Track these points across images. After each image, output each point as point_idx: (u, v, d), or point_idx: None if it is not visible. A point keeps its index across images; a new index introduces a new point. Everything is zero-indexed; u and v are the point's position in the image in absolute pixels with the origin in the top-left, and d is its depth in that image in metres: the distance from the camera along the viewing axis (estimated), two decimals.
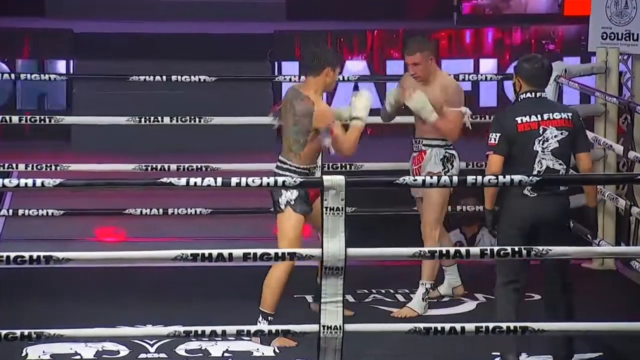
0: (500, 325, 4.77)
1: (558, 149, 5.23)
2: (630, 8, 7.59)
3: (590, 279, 6.78)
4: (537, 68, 5.31)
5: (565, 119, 5.26)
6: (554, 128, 5.23)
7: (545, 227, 5.24)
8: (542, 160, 5.22)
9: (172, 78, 7.34)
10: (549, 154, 5.23)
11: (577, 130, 5.28)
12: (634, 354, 5.61)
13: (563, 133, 5.24)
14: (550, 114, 5.25)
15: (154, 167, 7.23)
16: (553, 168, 5.22)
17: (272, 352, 5.65)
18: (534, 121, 5.23)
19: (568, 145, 5.25)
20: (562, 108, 5.34)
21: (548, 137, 5.23)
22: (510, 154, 5.25)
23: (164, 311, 6.06)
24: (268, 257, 4.73)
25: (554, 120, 5.24)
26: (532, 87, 5.31)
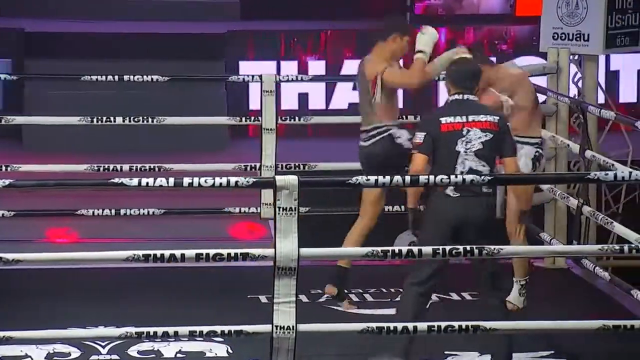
0: (452, 325, 4.78)
1: (481, 151, 5.27)
2: (581, 8, 7.65)
3: (542, 278, 6.82)
4: (464, 71, 5.42)
5: (491, 122, 5.31)
6: (478, 130, 5.28)
7: (468, 228, 5.27)
8: (465, 161, 5.27)
9: (125, 78, 7.29)
10: (472, 155, 5.27)
11: (502, 134, 5.33)
12: (585, 351, 5.65)
13: (487, 135, 5.29)
14: (476, 116, 5.31)
15: (106, 168, 7.18)
16: (476, 169, 5.25)
17: (225, 353, 5.64)
18: (458, 122, 5.30)
19: (492, 147, 5.30)
20: (488, 111, 5.40)
21: (471, 139, 5.27)
22: (435, 154, 5.32)
23: (116, 312, 6.02)
24: (221, 258, 4.71)
25: (478, 122, 5.30)
26: (459, 89, 5.39)
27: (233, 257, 4.74)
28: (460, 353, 5.59)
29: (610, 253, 4.84)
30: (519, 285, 6.27)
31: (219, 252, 4.70)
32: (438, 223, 5.28)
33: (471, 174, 5.19)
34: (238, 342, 5.55)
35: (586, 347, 5.65)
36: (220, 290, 6.56)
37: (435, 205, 5.31)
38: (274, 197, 4.67)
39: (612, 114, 6.75)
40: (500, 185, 5.92)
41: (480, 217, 5.27)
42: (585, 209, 6.65)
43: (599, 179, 4.83)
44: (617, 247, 4.78)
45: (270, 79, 7.29)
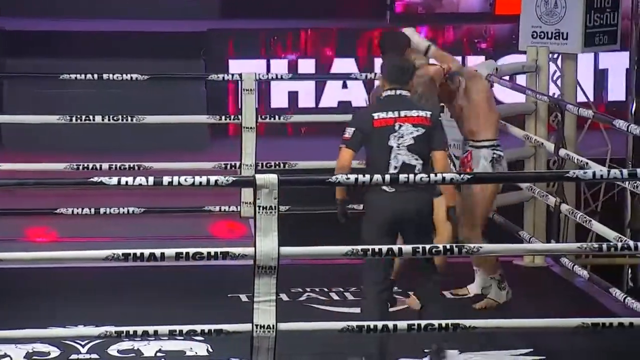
0: (432, 323, 4.79)
1: (413, 145, 5.35)
2: (560, 7, 7.67)
3: (521, 276, 6.84)
4: (397, 67, 5.50)
5: (423, 117, 5.40)
6: (410, 125, 5.37)
7: (405, 223, 5.35)
8: (398, 156, 5.35)
9: (104, 76, 7.28)
10: (405, 150, 5.35)
11: (433, 129, 5.41)
12: (564, 349, 5.67)
13: (419, 130, 5.37)
14: (408, 111, 5.39)
15: (85, 166, 7.16)
16: (409, 163, 5.34)
17: (205, 352, 5.63)
18: (391, 117, 5.38)
19: (424, 142, 5.38)
20: (420, 106, 5.50)
21: (403, 134, 5.36)
22: (367, 149, 5.41)
23: (95, 311, 6.01)
24: (200, 257, 4.70)
25: (410, 118, 5.38)
26: (392, 85, 5.47)
27: (213, 256, 4.73)
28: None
29: (589, 251, 4.86)
30: (496, 281, 6.29)
31: (199, 251, 4.70)
32: (376, 219, 5.35)
33: (404, 168, 5.30)
34: (218, 341, 5.54)
35: (565, 344, 5.67)
36: (201, 289, 6.55)
37: (372, 201, 5.37)
38: (254, 195, 4.66)
39: (590, 113, 6.78)
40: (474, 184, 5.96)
41: (416, 212, 5.35)
42: (563, 207, 6.68)
43: (578, 177, 4.85)
44: (596, 246, 4.80)
45: (250, 77, 7.29)
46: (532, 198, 7.24)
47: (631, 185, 6.01)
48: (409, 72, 5.52)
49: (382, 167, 5.32)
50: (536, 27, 7.70)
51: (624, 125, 6.10)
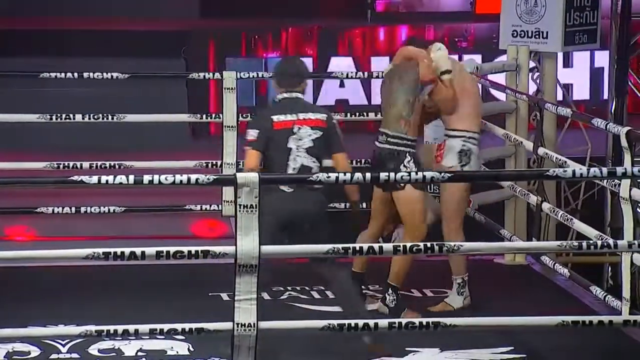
0: (412, 321, 4.80)
1: (312, 148, 5.49)
2: (540, 6, 7.69)
3: (502, 274, 6.86)
4: (284, 72, 5.63)
5: (320, 120, 5.53)
6: (309, 127, 5.50)
7: (301, 222, 5.45)
8: (297, 158, 5.48)
9: (85, 75, 7.25)
10: (303, 152, 5.49)
11: (330, 131, 5.55)
12: (545, 347, 5.68)
13: (317, 132, 5.51)
14: (305, 114, 5.52)
15: (66, 165, 7.14)
16: (307, 165, 5.47)
17: (186, 351, 5.62)
18: (289, 120, 5.50)
19: (322, 144, 5.51)
20: (316, 109, 5.63)
21: (302, 136, 5.49)
22: (268, 151, 5.50)
23: (76, 311, 5.99)
24: (181, 255, 4.69)
25: (308, 120, 5.50)
26: (284, 88, 5.60)
27: (194, 254, 4.72)
28: (421, 349, 5.61)
29: (569, 249, 4.88)
30: (457, 284, 6.26)
31: (180, 249, 4.69)
32: (273, 216, 5.40)
33: (303, 170, 5.43)
34: (199, 339, 5.53)
35: (545, 342, 5.68)
36: (182, 288, 6.54)
37: (270, 200, 5.39)
38: (234, 194, 4.65)
39: (569, 111, 6.80)
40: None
41: (313, 211, 5.46)
42: (545, 206, 6.69)
43: (558, 176, 4.86)
44: (576, 244, 4.81)
45: (231, 76, 7.28)
46: (513, 197, 7.25)
47: (610, 184, 6.02)
48: (300, 76, 5.64)
49: (282, 169, 5.45)
50: (516, 26, 7.72)
51: (602, 124, 6.12)
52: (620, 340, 5.74)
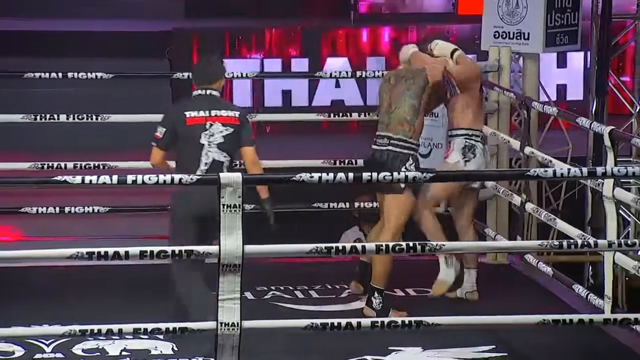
0: (395, 320, 4.80)
1: (223, 144, 5.60)
2: (521, 7, 7.70)
3: (484, 273, 6.86)
4: (203, 69, 5.74)
5: (232, 117, 5.64)
6: (220, 124, 5.61)
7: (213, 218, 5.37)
8: (209, 153, 5.60)
9: (69, 75, 7.23)
10: (215, 147, 5.59)
11: (241, 127, 5.66)
12: (526, 345, 5.69)
13: (228, 129, 5.62)
14: (218, 110, 5.62)
15: (50, 166, 7.11)
16: (218, 160, 5.60)
17: (170, 350, 5.60)
18: (202, 116, 5.62)
19: (233, 140, 5.63)
20: (229, 107, 5.73)
21: (214, 132, 5.59)
22: (178, 146, 5.63)
23: (60, 310, 5.97)
24: (165, 255, 4.68)
25: (220, 117, 5.62)
26: (200, 85, 5.71)
27: (177, 254, 4.71)
28: (404, 348, 5.61)
29: (550, 249, 4.88)
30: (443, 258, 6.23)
31: (163, 249, 4.67)
32: (180, 212, 5.56)
33: (214, 165, 5.56)
34: (183, 339, 5.52)
35: (527, 341, 5.69)
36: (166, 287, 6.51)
37: (179, 195, 5.56)
38: (218, 194, 4.64)
39: (555, 110, 6.81)
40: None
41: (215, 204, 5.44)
42: (528, 206, 6.70)
43: (539, 176, 4.86)
44: (557, 243, 4.82)
45: None
46: (495, 196, 7.26)
47: (593, 184, 6.03)
48: (217, 75, 5.71)
49: (193, 164, 5.56)
50: (498, 27, 7.73)
51: (586, 123, 6.13)
52: (601, 339, 5.75)
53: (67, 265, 5.97)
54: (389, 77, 6.28)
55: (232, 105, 5.81)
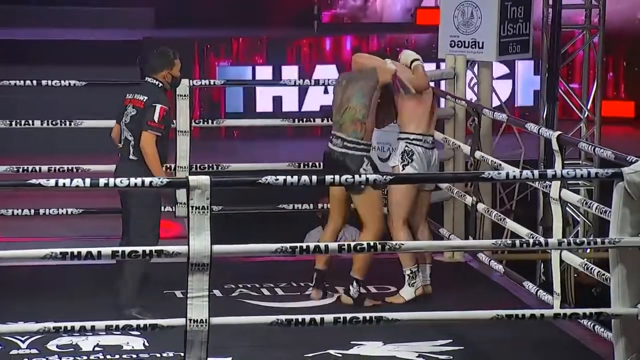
0: (356, 316, 4.80)
1: (129, 124, 6.05)
2: (476, 18, 7.74)
3: (441, 271, 6.89)
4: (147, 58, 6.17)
5: (138, 100, 6.04)
6: (131, 106, 6.06)
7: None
8: (123, 131, 6.08)
9: (43, 82, 7.19)
10: (124, 126, 6.07)
11: (145, 112, 5.99)
12: (481, 339, 5.72)
13: (134, 111, 6.04)
14: (134, 94, 6.07)
15: (25, 169, 7.07)
16: (127, 138, 6.04)
17: (141, 346, 5.59)
18: (128, 99, 6.11)
19: (136, 121, 6.01)
20: (144, 92, 6.06)
21: (128, 113, 6.06)
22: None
23: (35, 308, 5.94)
24: (136, 255, 4.66)
25: (132, 100, 6.07)
26: (145, 72, 6.13)
27: (148, 254, 4.69)
28: (366, 342, 5.63)
29: (503, 247, 4.90)
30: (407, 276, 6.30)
31: (135, 249, 4.66)
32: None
33: (125, 142, 6.05)
34: (154, 335, 5.51)
35: (482, 335, 5.72)
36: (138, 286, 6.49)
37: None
38: (187, 196, 4.63)
39: (505, 116, 6.85)
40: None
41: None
42: (480, 206, 6.73)
43: (493, 178, 4.89)
44: (509, 242, 4.85)
45: (184, 83, 7.24)
46: (451, 197, 7.30)
47: (542, 185, 6.08)
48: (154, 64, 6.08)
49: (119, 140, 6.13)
50: (454, 37, 7.77)
51: (535, 129, 6.17)
52: (551, 332, 5.80)
53: (41, 265, 5.94)
54: (341, 79, 6.31)
55: (148, 91, 6.06)
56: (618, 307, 4.78)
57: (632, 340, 4.81)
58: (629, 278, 4.75)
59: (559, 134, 5.81)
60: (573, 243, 4.94)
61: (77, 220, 7.37)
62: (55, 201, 7.29)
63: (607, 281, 5.08)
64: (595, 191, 8.76)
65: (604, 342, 5.38)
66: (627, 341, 4.82)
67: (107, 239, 7.05)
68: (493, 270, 6.69)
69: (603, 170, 4.79)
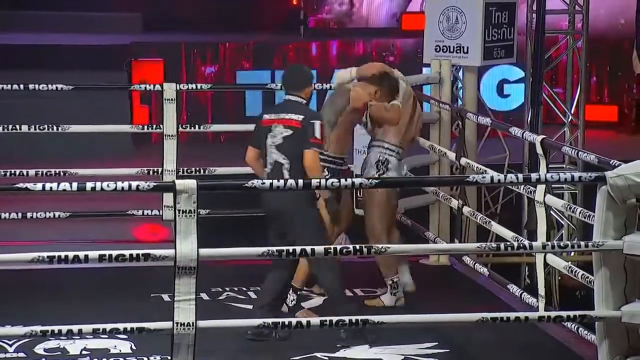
0: (342, 319, 4.80)
1: (281, 145, 5.66)
2: (460, 23, 7.76)
3: (427, 274, 6.89)
4: (288, 75, 5.83)
5: (293, 120, 5.66)
6: (282, 126, 5.67)
7: (283, 218, 5.62)
8: (271, 154, 5.69)
9: (30, 87, 7.17)
10: (274, 148, 5.68)
11: (302, 131, 5.64)
12: (466, 342, 5.73)
13: (288, 131, 5.66)
14: (285, 114, 5.69)
15: (12, 173, 7.05)
16: (278, 161, 5.67)
17: (129, 349, 5.57)
18: (271, 119, 5.71)
19: (293, 142, 5.64)
20: (297, 111, 5.69)
21: (276, 134, 5.68)
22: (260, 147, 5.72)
23: (22, 312, 5.92)
24: (123, 259, 4.65)
25: (283, 120, 5.67)
26: (286, 89, 5.80)
27: (135, 257, 4.68)
28: (351, 345, 5.62)
29: (488, 251, 4.91)
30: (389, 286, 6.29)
31: (122, 253, 4.64)
32: (267, 216, 5.68)
33: (275, 165, 5.66)
34: (141, 338, 5.49)
35: (467, 337, 5.72)
36: (125, 290, 6.48)
37: (262, 199, 5.69)
38: (174, 200, 4.62)
39: (489, 120, 6.86)
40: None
41: (293, 204, 5.58)
42: (465, 210, 6.74)
43: (477, 182, 4.90)
44: (494, 245, 4.85)
45: (171, 88, 7.24)
46: (437, 201, 7.30)
47: (526, 189, 6.09)
48: (301, 80, 5.76)
49: (265, 164, 5.71)
50: (439, 42, 7.79)
51: (519, 133, 6.18)
52: (536, 335, 5.80)
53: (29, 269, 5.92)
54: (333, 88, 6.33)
55: (302, 110, 5.72)
56: (602, 310, 4.79)
57: (615, 343, 4.82)
58: (612, 281, 4.76)
59: (542, 138, 5.82)
60: (557, 246, 4.95)
61: (64, 223, 7.35)
62: (44, 205, 7.28)
63: (591, 284, 5.09)
64: (579, 195, 8.78)
65: (588, 345, 5.40)
66: (610, 343, 4.83)
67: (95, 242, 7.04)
68: (478, 273, 6.70)
69: (586, 174, 4.80)
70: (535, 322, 5.39)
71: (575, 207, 5.66)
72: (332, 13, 11.64)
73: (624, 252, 4.70)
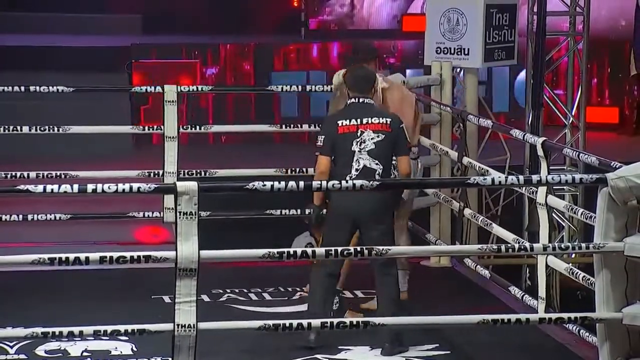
0: (344, 321, 4.81)
1: (374, 150, 5.53)
2: (461, 25, 7.77)
3: (428, 276, 6.90)
4: (356, 77, 5.62)
5: (383, 124, 5.54)
6: (371, 131, 5.52)
7: (365, 219, 5.51)
8: (360, 160, 5.52)
9: (31, 88, 7.18)
10: (365, 154, 5.53)
11: (394, 135, 5.55)
12: (467, 344, 5.73)
13: (380, 136, 5.53)
14: (370, 118, 5.53)
15: (13, 175, 7.06)
16: (369, 167, 5.53)
17: (130, 351, 5.58)
18: (353, 124, 5.54)
19: (385, 147, 5.54)
20: (382, 114, 5.63)
21: (365, 139, 5.51)
22: (335, 154, 5.55)
23: (23, 314, 5.93)
24: (124, 260, 4.65)
25: (371, 124, 5.53)
26: (354, 93, 5.61)
27: (136, 259, 4.69)
28: (353, 347, 5.63)
29: (489, 252, 4.92)
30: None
31: (123, 254, 4.64)
32: (339, 217, 5.52)
33: (365, 171, 5.50)
34: (142, 340, 5.50)
35: (468, 339, 5.73)
36: (126, 291, 6.49)
37: (336, 200, 5.52)
38: (175, 202, 4.63)
39: (490, 122, 6.87)
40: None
41: (375, 208, 5.50)
42: (466, 212, 6.75)
43: (478, 184, 4.91)
44: (495, 247, 4.86)
45: (172, 90, 7.25)
46: (438, 203, 7.31)
47: (527, 191, 6.09)
48: (369, 81, 5.62)
49: (344, 171, 5.51)
50: (440, 43, 7.80)
51: (520, 135, 6.18)
52: (537, 337, 5.81)
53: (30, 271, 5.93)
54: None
55: (384, 112, 5.67)
56: (603, 312, 4.79)
57: (616, 344, 4.82)
58: (613, 282, 4.77)
59: (544, 140, 5.83)
60: (558, 248, 4.95)
61: (65, 225, 7.36)
62: (44, 207, 7.28)
63: (592, 286, 5.09)
64: (580, 197, 8.79)
65: (589, 346, 5.40)
66: (611, 345, 4.83)
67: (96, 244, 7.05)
68: (479, 275, 6.70)
69: (587, 176, 4.80)
70: (536, 324, 5.39)
71: (577, 208, 5.66)
72: (333, 15, 11.65)
73: (625, 254, 4.70)
